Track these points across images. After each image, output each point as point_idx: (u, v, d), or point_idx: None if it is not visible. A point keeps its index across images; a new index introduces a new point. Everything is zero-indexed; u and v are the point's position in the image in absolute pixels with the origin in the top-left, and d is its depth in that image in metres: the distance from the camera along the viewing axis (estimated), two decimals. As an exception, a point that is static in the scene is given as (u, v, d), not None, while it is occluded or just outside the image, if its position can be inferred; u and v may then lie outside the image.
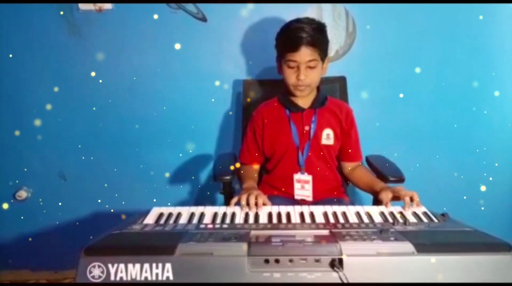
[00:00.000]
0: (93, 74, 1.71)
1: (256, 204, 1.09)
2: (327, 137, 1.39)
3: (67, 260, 1.89)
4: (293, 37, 1.26)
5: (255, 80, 1.68)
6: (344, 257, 0.75)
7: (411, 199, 1.10)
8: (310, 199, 1.39)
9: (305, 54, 1.26)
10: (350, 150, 1.44)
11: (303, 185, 1.39)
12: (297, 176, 1.40)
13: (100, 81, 1.73)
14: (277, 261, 0.75)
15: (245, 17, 1.69)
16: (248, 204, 1.09)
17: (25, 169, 1.84)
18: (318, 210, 1.07)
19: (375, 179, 1.34)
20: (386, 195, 1.15)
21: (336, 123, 1.41)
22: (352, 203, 1.41)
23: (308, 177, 1.39)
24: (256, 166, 1.49)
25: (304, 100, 1.39)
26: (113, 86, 1.75)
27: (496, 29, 1.72)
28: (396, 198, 1.14)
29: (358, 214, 1.05)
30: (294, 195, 1.40)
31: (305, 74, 1.29)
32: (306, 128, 1.38)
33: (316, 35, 1.27)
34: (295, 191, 1.40)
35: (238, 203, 1.12)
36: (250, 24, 1.70)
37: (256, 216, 1.04)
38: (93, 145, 1.82)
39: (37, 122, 1.77)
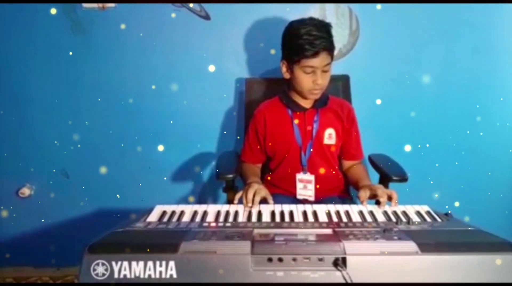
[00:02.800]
0: (96, 72, 1.72)
1: (253, 201, 1.10)
2: (329, 136, 1.39)
3: (69, 257, 1.90)
4: (311, 43, 1.23)
5: (257, 79, 1.68)
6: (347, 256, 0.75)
7: (389, 198, 1.10)
8: (312, 198, 1.39)
9: (322, 59, 1.25)
10: (351, 149, 1.44)
11: (305, 185, 1.39)
12: (299, 176, 1.40)
13: (103, 79, 1.73)
14: (280, 259, 0.75)
15: (248, 16, 1.68)
16: (247, 198, 1.10)
17: (28, 167, 1.84)
18: (321, 209, 1.07)
19: (363, 177, 1.34)
20: (364, 193, 1.15)
21: (338, 122, 1.40)
22: (355, 202, 1.41)
23: (310, 177, 1.39)
24: (258, 165, 1.50)
25: (306, 100, 1.39)
26: (116, 84, 1.75)
27: (500, 28, 1.72)
28: (374, 196, 1.14)
29: (361, 213, 1.05)
30: (296, 194, 1.40)
31: (321, 78, 1.28)
32: (309, 128, 1.38)
33: (330, 38, 1.27)
34: (298, 191, 1.40)
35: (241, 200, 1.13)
36: (253, 23, 1.69)
37: (259, 215, 1.04)
38: (96, 142, 1.82)
39: (40, 120, 1.78)
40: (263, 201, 1.14)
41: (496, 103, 1.80)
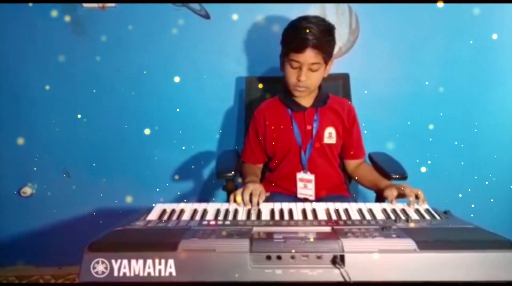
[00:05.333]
0: (96, 72, 1.73)
1: (251, 201, 1.10)
2: (329, 136, 1.39)
3: (71, 256, 1.90)
4: (299, 38, 1.23)
5: (258, 77, 1.68)
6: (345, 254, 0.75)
7: (417, 197, 1.10)
8: (312, 198, 1.39)
9: (309, 56, 1.24)
10: (352, 148, 1.44)
11: (305, 184, 1.39)
12: (300, 175, 1.39)
13: (103, 78, 1.74)
14: (279, 257, 0.76)
15: (248, 14, 1.68)
16: (243, 200, 1.10)
17: (30, 166, 1.85)
18: (320, 207, 1.08)
19: (379, 176, 1.34)
20: (391, 192, 1.15)
21: (338, 121, 1.40)
22: (355, 200, 1.41)
23: (310, 176, 1.39)
24: (259, 165, 1.50)
25: (306, 99, 1.39)
26: (117, 83, 1.75)
27: (500, 27, 1.71)
28: (401, 195, 1.14)
29: (360, 211, 1.05)
30: (297, 193, 1.40)
31: (306, 76, 1.27)
32: (308, 127, 1.38)
33: (322, 38, 1.23)
34: (298, 190, 1.40)
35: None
36: (253, 21, 1.69)
37: (259, 213, 1.04)
38: (97, 142, 1.83)
39: (41, 120, 1.78)
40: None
41: (496, 102, 1.80)
